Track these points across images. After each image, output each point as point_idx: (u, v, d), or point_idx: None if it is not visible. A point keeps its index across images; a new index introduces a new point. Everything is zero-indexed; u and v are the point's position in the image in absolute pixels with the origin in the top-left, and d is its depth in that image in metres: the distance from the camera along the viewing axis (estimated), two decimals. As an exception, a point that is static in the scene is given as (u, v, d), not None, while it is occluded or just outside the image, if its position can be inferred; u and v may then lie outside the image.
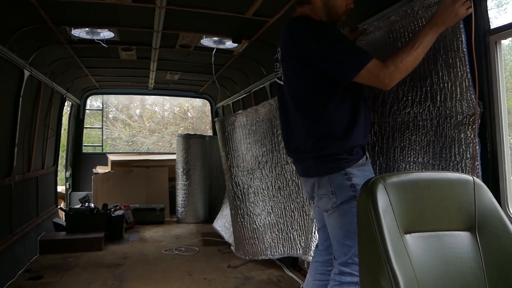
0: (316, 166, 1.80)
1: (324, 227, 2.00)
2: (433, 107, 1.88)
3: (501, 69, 1.76)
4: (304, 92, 1.82)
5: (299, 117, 1.85)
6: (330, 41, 1.70)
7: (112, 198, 5.79)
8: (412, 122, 1.99)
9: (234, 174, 3.58)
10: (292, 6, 2.94)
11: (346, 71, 1.67)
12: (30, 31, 3.43)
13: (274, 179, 3.26)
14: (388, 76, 1.63)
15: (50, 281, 3.38)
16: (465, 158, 1.73)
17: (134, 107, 14.76)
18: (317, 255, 2.12)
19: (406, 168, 2.02)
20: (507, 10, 5.50)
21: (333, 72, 1.71)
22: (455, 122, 1.78)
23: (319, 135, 1.78)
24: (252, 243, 3.43)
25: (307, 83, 1.79)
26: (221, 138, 3.75)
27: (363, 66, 1.63)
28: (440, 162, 1.83)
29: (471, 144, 1.71)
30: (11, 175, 3.71)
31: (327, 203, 1.81)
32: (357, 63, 1.65)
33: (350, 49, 1.72)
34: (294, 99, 1.86)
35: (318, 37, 1.71)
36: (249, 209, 3.44)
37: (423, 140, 1.94)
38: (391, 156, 2.11)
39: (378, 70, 1.63)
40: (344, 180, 1.75)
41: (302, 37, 1.76)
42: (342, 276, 1.81)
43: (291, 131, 1.91)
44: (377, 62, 1.64)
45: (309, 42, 1.72)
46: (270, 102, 3.30)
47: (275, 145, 3.24)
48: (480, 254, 1.29)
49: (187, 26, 3.66)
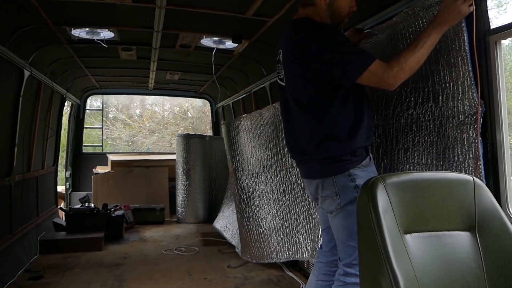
0: (319, 167, 1.81)
1: (328, 228, 2.01)
2: (435, 108, 1.88)
3: (501, 69, 1.75)
4: (306, 94, 1.82)
5: (301, 119, 1.85)
6: (332, 43, 1.70)
7: (112, 198, 5.79)
8: (415, 123, 2.00)
9: (239, 178, 3.58)
10: (292, 6, 2.95)
11: (349, 73, 1.67)
12: (30, 31, 3.43)
13: (279, 183, 3.26)
14: (392, 77, 1.63)
15: (50, 281, 3.38)
16: (468, 158, 1.73)
17: (134, 107, 14.77)
18: (321, 256, 2.12)
19: (410, 170, 2.02)
20: (507, 10, 5.51)
21: (336, 75, 1.71)
22: (457, 122, 1.77)
23: (322, 137, 1.78)
24: (258, 247, 3.43)
25: (309, 85, 1.79)
26: (227, 141, 3.76)
27: (366, 67, 1.63)
28: (444, 163, 1.83)
29: (473, 144, 1.71)
30: (11, 175, 3.71)
31: (331, 204, 1.81)
32: (360, 64, 1.64)
33: (353, 50, 1.72)
34: (297, 101, 1.86)
35: (320, 39, 1.72)
36: (255, 212, 3.44)
37: (426, 141, 1.94)
38: (395, 158, 2.12)
39: (381, 70, 1.63)
40: (348, 181, 1.75)
41: (305, 40, 1.76)
42: (347, 277, 1.81)
43: (294, 132, 1.92)
44: (380, 63, 1.64)
45: (311, 45, 1.73)
46: (274, 105, 3.29)
47: (280, 148, 3.23)
48: (480, 254, 1.29)
49: (187, 26, 3.66)
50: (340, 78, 1.71)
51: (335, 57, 1.69)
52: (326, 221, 2.03)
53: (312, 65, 1.74)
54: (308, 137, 1.83)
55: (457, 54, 1.76)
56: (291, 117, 1.93)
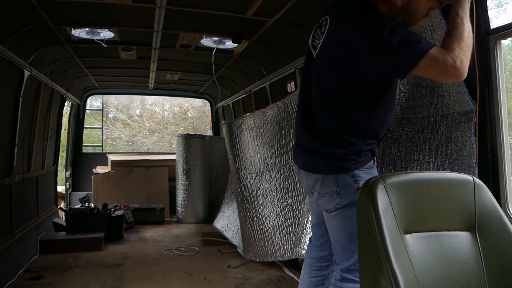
0: (323, 163, 1.72)
1: (320, 224, 1.95)
2: (430, 105, 1.89)
3: (501, 69, 1.76)
4: (336, 86, 1.68)
5: (320, 104, 1.72)
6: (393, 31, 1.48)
7: (112, 198, 5.78)
8: (409, 120, 1.99)
9: (242, 177, 3.57)
10: (292, 6, 2.96)
11: (406, 59, 1.47)
12: (30, 31, 3.43)
13: (282, 181, 3.26)
14: (457, 59, 1.43)
15: (50, 281, 3.38)
16: (462, 156, 1.73)
17: (134, 107, 14.77)
18: (312, 250, 2.06)
19: (402, 166, 2.02)
20: (507, 10, 5.50)
21: (388, 64, 1.53)
22: (452, 120, 1.77)
23: (334, 131, 1.69)
24: (262, 245, 3.43)
25: (345, 78, 1.65)
26: (229, 141, 3.75)
27: (426, 52, 1.43)
28: (436, 159, 1.83)
29: (468, 142, 1.71)
30: (11, 175, 3.71)
31: (329, 202, 1.74)
32: (419, 49, 1.44)
33: (412, 36, 1.50)
34: (322, 87, 1.71)
35: (380, 28, 1.49)
36: (258, 211, 3.44)
37: (419, 138, 1.93)
38: (388, 153, 2.11)
39: (443, 55, 1.44)
40: (351, 181, 1.69)
41: (363, 24, 1.53)
42: (344, 283, 1.75)
43: (308, 115, 1.78)
44: (440, 48, 1.46)
45: (369, 31, 1.51)
46: (278, 104, 3.29)
47: (283, 147, 3.23)
48: (480, 254, 1.29)
49: (187, 26, 3.66)
50: (393, 68, 1.53)
51: (394, 44, 1.46)
52: (318, 216, 1.95)
53: (362, 55, 1.54)
54: (321, 125, 1.72)
55: None
56: (309, 95, 1.77)
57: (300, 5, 2.98)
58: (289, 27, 3.44)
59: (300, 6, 3.01)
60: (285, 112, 3.16)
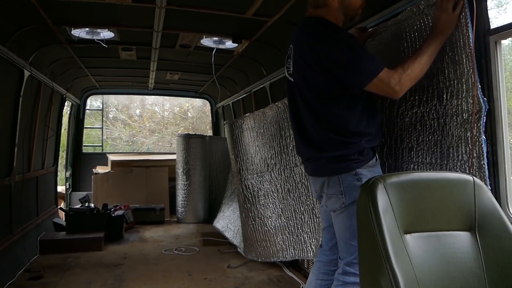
0: (326, 165, 1.81)
1: (329, 227, 2.01)
2: (439, 106, 1.87)
3: (501, 69, 1.75)
4: (315, 92, 1.82)
5: (310, 116, 1.85)
6: (346, 47, 1.72)
7: (112, 198, 5.78)
8: (420, 122, 1.99)
9: (243, 177, 3.57)
10: (292, 6, 2.96)
11: (359, 79, 1.69)
12: (30, 31, 3.43)
13: (283, 182, 3.25)
14: (398, 84, 1.65)
15: (50, 281, 3.38)
16: (472, 157, 1.72)
17: (134, 107, 14.76)
18: (321, 254, 2.12)
19: (415, 169, 2.01)
20: (507, 10, 5.50)
21: (346, 79, 1.72)
22: (461, 121, 1.76)
23: (330, 136, 1.79)
24: (264, 246, 3.43)
25: (319, 85, 1.80)
26: (230, 141, 3.75)
27: (376, 74, 1.65)
28: (448, 162, 1.83)
29: (477, 143, 1.70)
30: (11, 175, 3.71)
31: (335, 203, 1.82)
32: (370, 71, 1.66)
33: (364, 57, 1.72)
34: (305, 98, 1.86)
35: (334, 42, 1.73)
36: (260, 211, 3.44)
37: (430, 140, 1.93)
38: (400, 157, 2.11)
39: (389, 78, 1.65)
40: (354, 180, 1.76)
41: (318, 41, 1.76)
42: (346, 276, 1.82)
43: (302, 130, 1.91)
44: (388, 70, 1.66)
45: (325, 46, 1.73)
46: (277, 104, 3.29)
47: (284, 147, 3.23)
48: (480, 254, 1.29)
49: (187, 26, 3.66)
50: (350, 83, 1.72)
51: (347, 62, 1.70)
52: (327, 220, 2.03)
53: (324, 66, 1.74)
54: (316, 135, 1.84)
55: (461, 52, 1.75)
56: (299, 114, 1.92)
57: (300, 5, 2.96)
58: (289, 27, 3.42)
59: (300, 6, 2.99)
60: (285, 112, 3.15)
